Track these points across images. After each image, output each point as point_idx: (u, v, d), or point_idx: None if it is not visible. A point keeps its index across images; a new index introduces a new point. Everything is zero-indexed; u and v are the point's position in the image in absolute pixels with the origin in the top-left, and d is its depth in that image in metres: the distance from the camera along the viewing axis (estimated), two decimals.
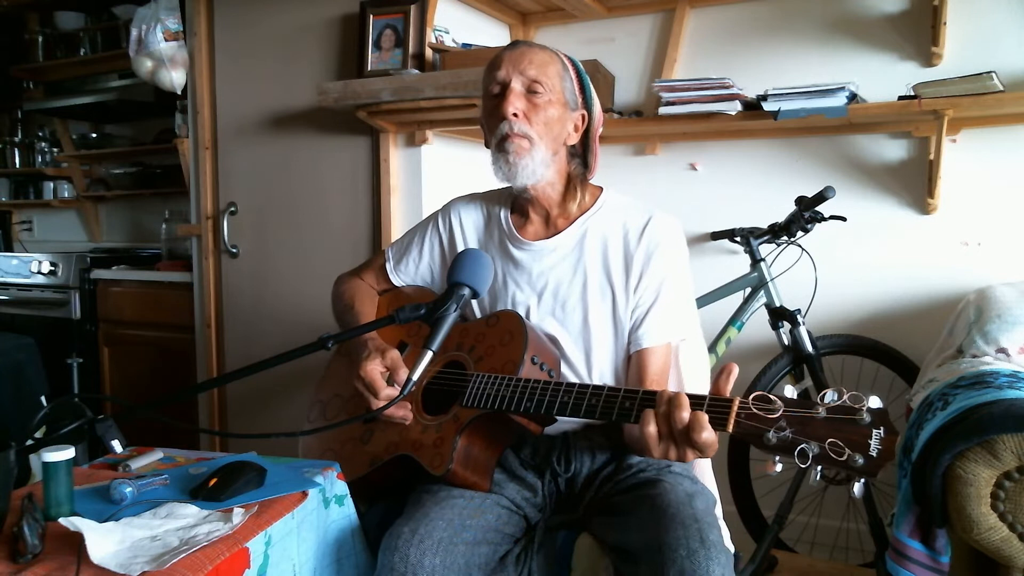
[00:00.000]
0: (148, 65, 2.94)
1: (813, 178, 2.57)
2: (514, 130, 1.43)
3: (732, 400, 1.11)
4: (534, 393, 1.31)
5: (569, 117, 1.51)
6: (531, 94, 1.45)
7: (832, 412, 1.03)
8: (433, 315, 1.25)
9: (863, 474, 1.00)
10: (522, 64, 1.46)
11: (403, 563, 1.24)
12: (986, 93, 2.15)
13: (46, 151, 4.24)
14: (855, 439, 1.01)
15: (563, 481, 1.46)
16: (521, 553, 1.36)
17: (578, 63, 1.55)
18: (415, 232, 1.71)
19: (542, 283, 1.50)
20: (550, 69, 1.47)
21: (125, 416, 1.27)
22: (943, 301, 2.42)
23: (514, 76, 1.45)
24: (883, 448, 1.00)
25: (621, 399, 1.23)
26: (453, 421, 1.38)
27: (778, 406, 1.06)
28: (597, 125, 1.57)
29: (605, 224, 1.51)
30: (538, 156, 1.45)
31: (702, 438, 1.10)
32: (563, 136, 1.51)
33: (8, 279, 3.56)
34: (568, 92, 1.50)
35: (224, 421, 2.91)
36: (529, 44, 1.51)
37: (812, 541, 2.59)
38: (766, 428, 1.06)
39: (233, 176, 2.81)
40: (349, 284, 1.74)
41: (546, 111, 1.46)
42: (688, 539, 1.17)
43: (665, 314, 1.46)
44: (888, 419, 1.02)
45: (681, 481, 1.37)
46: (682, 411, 1.12)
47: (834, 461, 1.01)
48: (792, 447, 1.03)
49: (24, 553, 1.07)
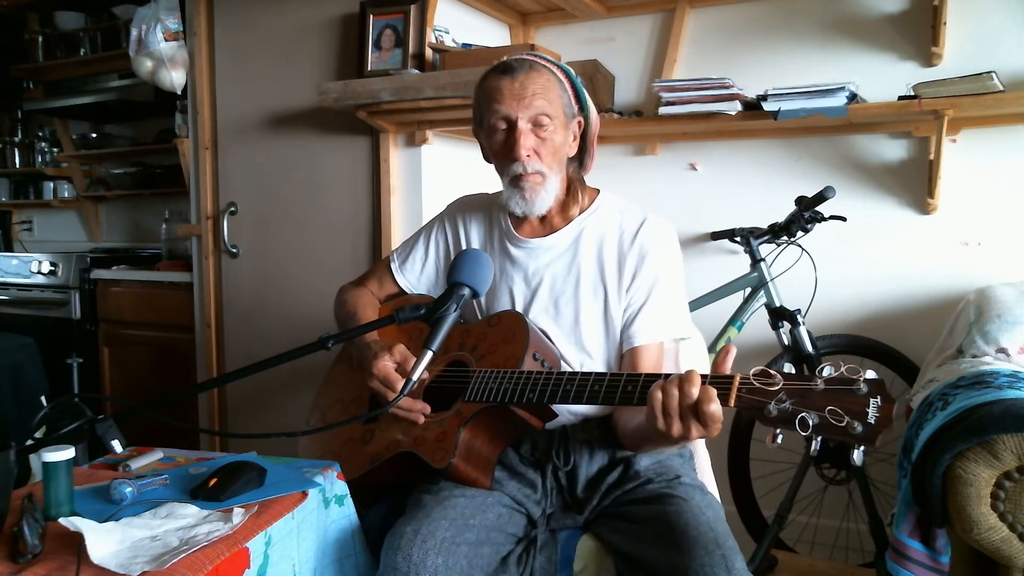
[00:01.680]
0: (148, 65, 2.94)
1: (813, 178, 2.57)
2: (528, 170, 1.45)
3: (733, 376, 1.13)
4: (536, 384, 1.32)
5: (569, 129, 1.51)
6: (537, 127, 1.45)
7: (830, 383, 1.05)
8: (433, 315, 1.25)
9: (862, 441, 1.02)
10: (526, 98, 1.44)
11: (406, 563, 1.24)
12: (986, 93, 2.15)
13: (46, 151, 4.24)
14: (853, 408, 1.03)
15: (563, 475, 1.47)
16: (523, 554, 1.36)
17: (570, 71, 1.52)
18: (420, 233, 1.73)
19: (537, 280, 1.52)
20: (551, 94, 1.46)
21: (125, 416, 1.27)
22: (943, 301, 2.42)
23: (520, 113, 1.44)
24: (881, 415, 1.02)
25: (624, 383, 1.24)
26: (456, 416, 1.39)
27: (778, 379, 1.08)
28: (594, 129, 1.56)
29: (601, 224, 1.53)
30: (551, 187, 1.49)
31: (710, 409, 1.10)
32: (566, 150, 1.52)
33: (8, 279, 3.56)
34: (566, 106, 1.49)
35: (224, 421, 2.91)
36: (526, 68, 1.46)
37: (812, 541, 2.59)
38: (767, 401, 1.08)
39: (233, 176, 2.81)
40: (351, 294, 1.74)
41: (553, 140, 1.47)
42: (714, 567, 1.19)
43: (657, 313, 1.47)
44: (884, 388, 1.04)
45: (693, 494, 1.38)
46: (692, 385, 1.12)
47: (834, 428, 1.03)
48: (792, 417, 1.05)
49: (24, 553, 1.07)
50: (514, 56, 1.50)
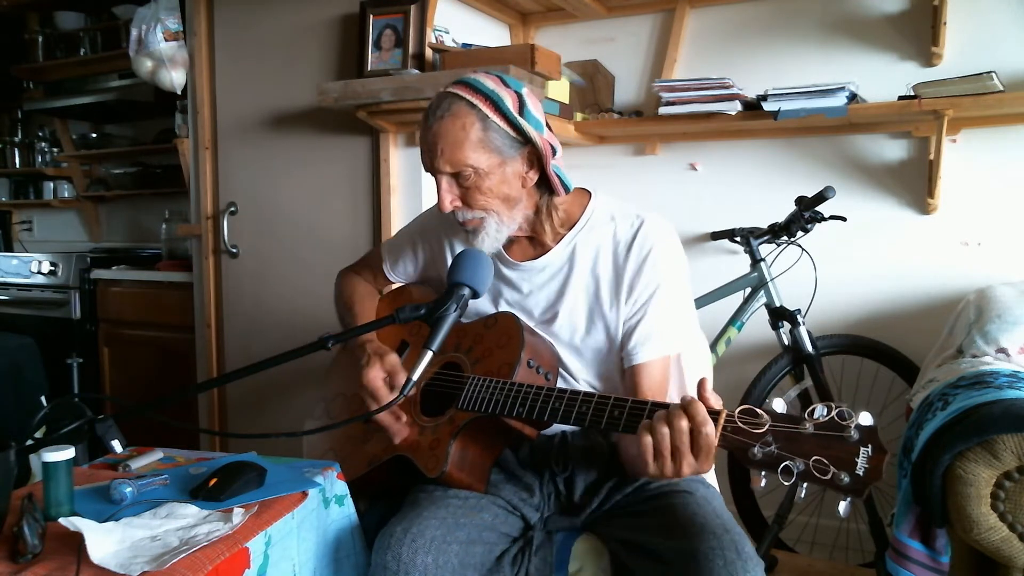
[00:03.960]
0: (148, 65, 2.94)
1: (813, 178, 2.57)
2: (459, 218, 1.42)
3: (719, 412, 1.09)
4: (527, 398, 1.30)
5: (511, 166, 1.39)
6: (458, 176, 1.37)
7: (820, 428, 1.01)
8: (433, 315, 1.25)
9: (848, 493, 0.99)
10: (436, 153, 1.36)
11: (395, 561, 1.24)
12: (986, 93, 2.15)
13: (46, 151, 4.24)
14: (842, 456, 0.99)
15: (561, 480, 1.46)
16: (518, 554, 1.36)
17: (500, 101, 1.36)
18: (408, 237, 1.69)
19: (532, 302, 1.49)
20: (465, 143, 1.34)
21: (125, 416, 1.27)
22: (943, 301, 2.42)
23: (438, 165, 1.37)
24: (870, 467, 0.98)
25: (611, 407, 1.22)
26: (448, 424, 1.39)
27: (765, 420, 1.04)
28: (545, 153, 1.40)
29: (594, 237, 1.46)
30: (492, 226, 1.41)
31: (706, 431, 1.06)
32: (515, 187, 1.41)
33: (8, 279, 3.56)
34: (499, 143, 1.36)
35: (224, 421, 2.91)
36: (442, 114, 1.35)
37: (812, 541, 2.59)
38: (752, 443, 1.04)
39: (233, 176, 2.81)
40: (350, 283, 1.74)
41: (479, 188, 1.38)
42: (724, 549, 1.19)
43: (658, 328, 1.41)
44: (877, 437, 0.99)
45: (696, 487, 1.38)
46: (680, 419, 1.08)
47: (818, 480, 0.99)
48: (777, 463, 1.02)
49: (24, 553, 1.07)
50: (447, 90, 1.38)
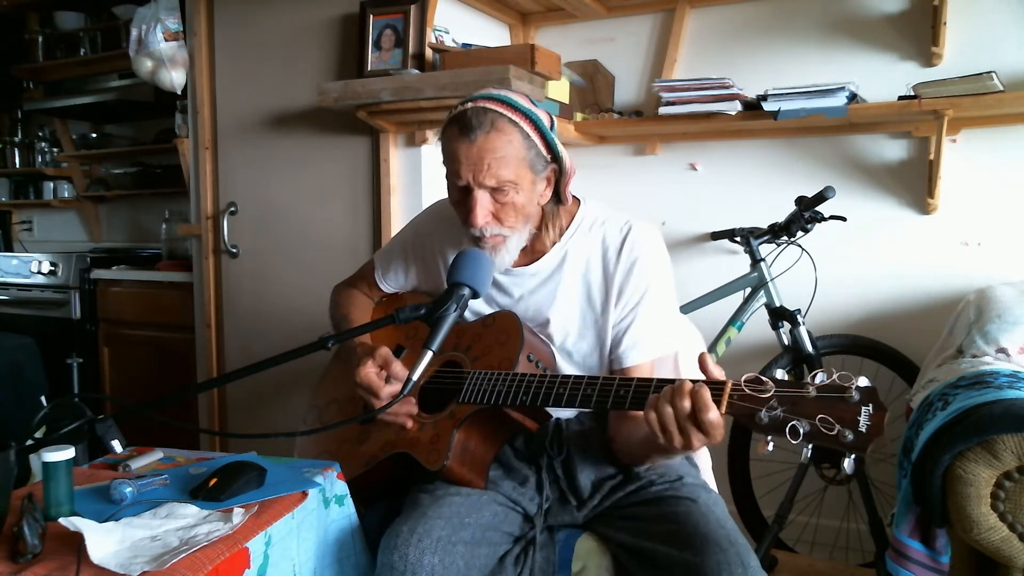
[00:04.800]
0: (148, 65, 2.94)
1: (813, 178, 2.57)
2: (486, 235, 1.40)
3: (725, 382, 1.13)
4: (530, 386, 1.32)
5: (539, 184, 1.41)
6: (497, 192, 1.36)
7: (822, 391, 1.05)
8: (433, 315, 1.25)
9: (853, 449, 1.02)
10: (482, 168, 1.33)
11: (402, 562, 1.25)
12: (986, 93, 2.15)
13: (46, 151, 4.24)
14: (845, 416, 1.03)
15: (559, 464, 1.46)
16: (521, 554, 1.36)
17: (539, 119, 1.38)
18: (398, 246, 1.69)
19: (523, 307, 1.50)
20: (512, 159, 1.34)
21: (125, 416, 1.27)
22: (943, 301, 2.42)
23: (476, 181, 1.35)
24: (872, 424, 1.01)
25: (616, 387, 1.25)
26: (450, 417, 1.39)
27: (769, 386, 1.08)
28: (569, 175, 1.44)
29: (584, 244, 1.48)
30: (514, 244, 1.42)
31: (708, 418, 1.10)
32: (535, 204, 1.43)
33: (8, 279, 3.56)
34: (534, 161, 1.38)
35: (224, 421, 2.91)
36: (486, 128, 1.33)
37: (812, 541, 2.59)
38: (758, 408, 1.08)
39: (233, 176, 2.81)
40: (345, 294, 1.74)
41: (515, 203, 1.38)
42: (730, 564, 1.20)
43: (647, 331, 1.44)
44: (877, 396, 1.03)
45: (699, 493, 1.38)
46: (683, 399, 1.12)
47: (825, 436, 1.03)
48: (783, 425, 1.06)
49: (24, 553, 1.07)
50: (479, 104, 1.35)
